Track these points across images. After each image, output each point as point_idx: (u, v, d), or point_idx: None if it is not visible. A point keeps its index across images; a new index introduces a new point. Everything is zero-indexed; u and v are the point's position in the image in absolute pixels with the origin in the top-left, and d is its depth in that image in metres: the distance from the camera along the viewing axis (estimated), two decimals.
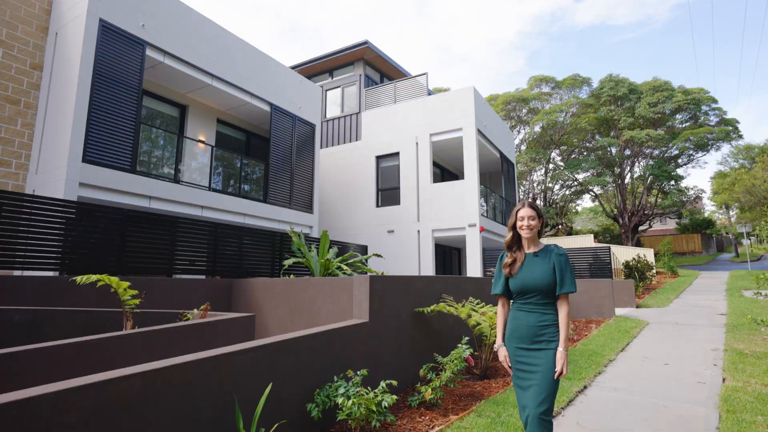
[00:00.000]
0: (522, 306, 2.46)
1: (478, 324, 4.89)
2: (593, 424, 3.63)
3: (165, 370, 2.31)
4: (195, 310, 4.86)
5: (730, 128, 25.86)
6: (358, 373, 3.38)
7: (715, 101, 26.23)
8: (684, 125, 27.04)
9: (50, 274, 6.16)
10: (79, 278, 3.89)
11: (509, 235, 2.56)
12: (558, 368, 2.30)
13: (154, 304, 5.63)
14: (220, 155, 10.41)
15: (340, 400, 3.06)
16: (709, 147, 26.76)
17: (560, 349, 2.33)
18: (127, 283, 4.04)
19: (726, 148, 31.97)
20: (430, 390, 3.86)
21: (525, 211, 2.50)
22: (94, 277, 3.87)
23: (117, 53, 7.78)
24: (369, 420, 3.09)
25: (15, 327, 3.75)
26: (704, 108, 26.37)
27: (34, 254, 5.43)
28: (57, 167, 7.18)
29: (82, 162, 7.12)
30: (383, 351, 4.23)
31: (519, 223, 2.50)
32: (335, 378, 3.41)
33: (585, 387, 4.65)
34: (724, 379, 4.86)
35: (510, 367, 2.48)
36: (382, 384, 3.28)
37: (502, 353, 2.51)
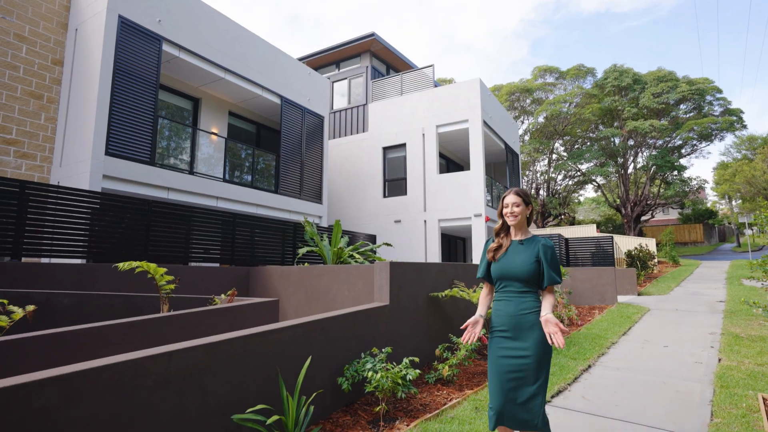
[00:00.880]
0: (501, 295, 2.46)
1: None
2: (597, 398, 3.95)
3: (223, 343, 2.62)
4: (222, 295, 5.18)
5: (735, 118, 25.85)
6: (383, 350, 3.69)
7: (719, 91, 26.15)
8: (688, 115, 27.05)
9: (77, 261, 6.48)
10: (121, 265, 4.19)
11: (499, 222, 2.55)
12: (548, 329, 2.19)
13: (177, 290, 5.94)
14: (232, 147, 10.67)
15: (369, 374, 3.38)
16: (712, 137, 26.79)
17: (543, 314, 2.26)
18: (164, 269, 4.34)
19: (730, 138, 32.05)
20: (447, 367, 4.18)
21: (510, 198, 2.46)
22: (135, 264, 4.17)
23: (135, 49, 8.01)
24: (395, 392, 3.40)
25: (65, 309, 4.07)
26: (708, 98, 26.32)
27: (61, 242, 5.73)
28: (81, 160, 7.46)
29: (105, 155, 7.40)
30: (402, 331, 4.55)
31: (504, 210, 2.48)
32: (362, 355, 3.73)
33: (589, 366, 4.96)
34: (719, 360, 5.17)
35: (473, 331, 2.53)
36: (406, 360, 3.59)
37: (473, 320, 2.54)
